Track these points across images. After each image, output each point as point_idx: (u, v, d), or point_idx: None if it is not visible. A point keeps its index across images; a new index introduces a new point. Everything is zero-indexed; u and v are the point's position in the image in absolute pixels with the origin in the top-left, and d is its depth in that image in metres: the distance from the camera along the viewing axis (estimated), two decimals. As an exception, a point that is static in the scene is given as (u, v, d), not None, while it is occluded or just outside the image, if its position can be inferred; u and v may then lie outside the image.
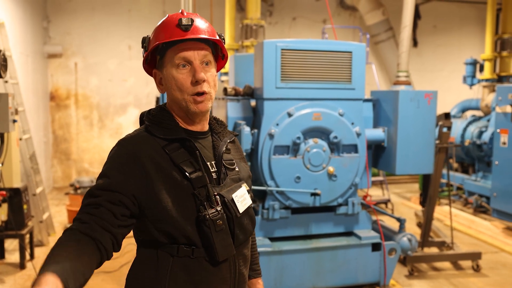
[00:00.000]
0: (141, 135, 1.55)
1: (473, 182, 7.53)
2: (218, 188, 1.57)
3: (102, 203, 1.41)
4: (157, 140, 1.53)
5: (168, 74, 1.54)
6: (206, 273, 1.54)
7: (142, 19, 9.59)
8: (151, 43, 1.57)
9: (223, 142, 1.65)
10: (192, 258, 1.52)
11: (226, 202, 1.54)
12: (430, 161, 4.27)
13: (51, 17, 9.16)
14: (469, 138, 7.58)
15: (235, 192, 1.60)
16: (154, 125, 1.56)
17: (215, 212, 1.50)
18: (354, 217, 4.25)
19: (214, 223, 1.49)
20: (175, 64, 1.52)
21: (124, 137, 1.57)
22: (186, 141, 1.54)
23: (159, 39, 1.53)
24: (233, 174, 1.65)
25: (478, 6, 11.44)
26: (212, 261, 1.53)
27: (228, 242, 1.53)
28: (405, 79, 4.51)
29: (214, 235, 1.49)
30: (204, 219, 1.48)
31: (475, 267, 5.04)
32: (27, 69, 7.70)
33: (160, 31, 1.55)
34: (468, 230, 6.49)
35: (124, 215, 1.44)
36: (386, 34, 9.98)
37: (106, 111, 9.59)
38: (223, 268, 1.57)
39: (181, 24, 1.51)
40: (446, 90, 11.19)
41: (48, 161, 9.15)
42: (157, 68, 1.61)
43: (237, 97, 4.17)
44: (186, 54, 1.52)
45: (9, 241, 5.62)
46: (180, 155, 1.52)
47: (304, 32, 10.57)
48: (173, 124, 1.57)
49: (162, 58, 1.57)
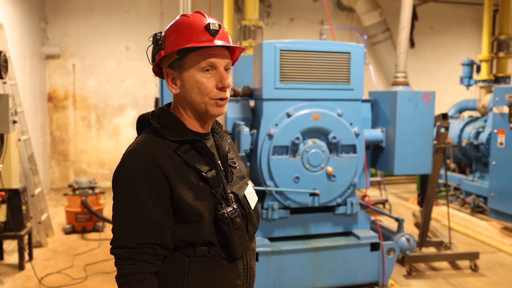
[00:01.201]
0: (151, 141, 1.53)
1: (470, 182, 7.57)
2: (229, 186, 1.60)
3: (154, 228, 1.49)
4: (167, 143, 1.53)
5: (190, 77, 1.53)
6: (222, 270, 1.56)
7: (140, 20, 9.59)
8: (172, 43, 1.52)
9: (225, 142, 1.67)
10: (208, 257, 1.54)
11: (240, 200, 1.58)
12: (428, 161, 4.29)
13: (49, 18, 9.15)
14: (466, 138, 7.61)
15: (245, 190, 1.64)
16: (164, 128, 1.55)
17: (233, 210, 1.53)
18: (352, 217, 4.27)
19: (233, 221, 1.52)
20: (201, 68, 1.52)
21: (134, 146, 1.53)
22: (196, 142, 1.55)
23: (185, 40, 1.50)
24: (237, 172, 1.68)
25: (474, 7, 11.49)
26: (228, 259, 1.56)
27: (245, 238, 1.57)
28: (403, 80, 4.53)
29: (233, 233, 1.52)
30: (222, 217, 1.51)
31: (473, 267, 5.07)
32: (25, 70, 7.69)
33: (185, 32, 1.51)
34: (466, 230, 6.52)
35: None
36: (384, 35, 10.02)
37: (104, 112, 9.58)
38: (238, 264, 1.60)
39: (209, 28, 1.50)
40: (443, 90, 11.22)
41: (46, 162, 9.14)
42: (172, 67, 1.57)
43: (236, 98, 4.19)
44: (214, 60, 1.52)
45: (8, 242, 5.61)
46: (192, 157, 1.54)
47: (301, 33, 10.60)
48: (182, 126, 1.57)
49: (182, 59, 1.53)
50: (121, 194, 1.49)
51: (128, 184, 1.47)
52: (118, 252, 1.49)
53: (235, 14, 9.49)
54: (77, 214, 6.20)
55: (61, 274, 4.87)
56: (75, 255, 5.41)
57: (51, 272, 4.90)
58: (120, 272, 1.49)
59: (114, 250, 1.51)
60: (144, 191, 1.46)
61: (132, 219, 1.47)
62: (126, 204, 1.48)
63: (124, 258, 1.48)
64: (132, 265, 1.47)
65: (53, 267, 5.06)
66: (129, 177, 1.47)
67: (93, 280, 4.71)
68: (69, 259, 5.29)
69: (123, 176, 1.49)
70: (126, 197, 1.48)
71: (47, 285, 4.59)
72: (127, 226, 1.48)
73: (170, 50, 1.53)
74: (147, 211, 1.46)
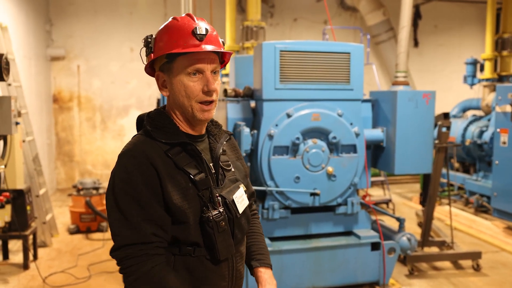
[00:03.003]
0: (144, 141, 1.56)
1: (474, 181, 7.54)
2: (219, 189, 1.61)
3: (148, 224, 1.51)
4: (159, 144, 1.55)
5: (178, 81, 1.55)
6: (206, 270, 1.59)
7: (144, 21, 9.65)
8: (160, 47, 1.55)
9: (219, 144, 1.69)
10: (193, 257, 1.57)
11: (228, 204, 1.59)
12: (429, 160, 4.30)
13: (54, 20, 9.23)
14: (469, 137, 7.58)
15: (235, 193, 1.64)
16: (156, 130, 1.58)
17: (218, 214, 1.55)
18: (353, 217, 4.28)
19: (217, 224, 1.54)
20: (188, 72, 1.54)
21: (128, 147, 1.56)
22: (188, 145, 1.58)
23: (172, 45, 1.52)
24: (230, 175, 1.69)
25: (478, 5, 11.45)
26: (212, 260, 1.59)
27: (229, 242, 1.58)
28: (404, 79, 4.53)
29: (217, 236, 1.54)
30: (207, 220, 1.53)
31: (475, 266, 5.06)
32: (30, 72, 7.76)
33: (173, 37, 1.53)
34: (469, 230, 6.51)
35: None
36: (387, 35, 10.00)
37: (109, 113, 9.65)
38: (223, 266, 1.62)
39: (196, 33, 1.52)
40: (447, 90, 11.20)
41: (52, 163, 9.22)
42: (162, 70, 1.60)
43: (237, 99, 4.22)
44: (200, 65, 1.54)
45: (13, 241, 5.68)
46: (182, 159, 1.56)
47: (305, 33, 10.61)
48: (174, 128, 1.60)
49: (170, 63, 1.56)
50: (121, 194, 1.50)
51: (127, 182, 1.50)
52: (130, 252, 1.48)
53: (239, 15, 9.53)
54: (81, 215, 6.26)
55: (65, 273, 4.92)
56: (79, 254, 5.46)
57: (55, 271, 4.96)
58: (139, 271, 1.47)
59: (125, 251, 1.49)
60: (142, 188, 1.49)
61: (137, 215, 1.48)
62: (128, 202, 1.49)
63: (138, 256, 1.48)
64: (149, 260, 1.48)
65: (57, 266, 5.11)
66: (126, 175, 1.50)
67: (97, 280, 4.76)
68: (73, 258, 5.35)
69: (120, 176, 1.51)
70: (126, 196, 1.49)
71: (51, 284, 4.64)
72: (134, 223, 1.48)
73: (158, 54, 1.56)
74: (150, 205, 1.49)
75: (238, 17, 9.35)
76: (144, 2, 9.72)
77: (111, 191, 1.52)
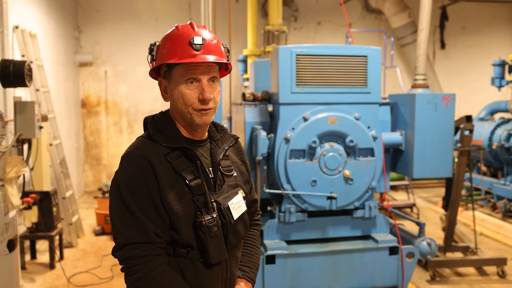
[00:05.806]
0: (146, 144, 1.61)
1: (501, 186, 7.35)
2: (216, 195, 1.64)
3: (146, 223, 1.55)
4: (159, 147, 1.60)
5: (176, 88, 1.60)
6: (199, 273, 1.63)
7: (169, 26, 9.60)
8: (161, 55, 1.61)
9: (221, 150, 1.72)
10: (187, 259, 1.61)
11: (222, 209, 1.62)
12: (449, 164, 4.23)
13: (82, 27, 9.51)
14: (497, 141, 7.40)
15: (232, 199, 1.67)
16: (158, 133, 1.63)
17: (211, 219, 1.58)
18: (371, 221, 4.25)
19: (210, 229, 1.57)
20: (184, 81, 1.58)
21: (130, 150, 1.61)
22: (187, 150, 1.62)
23: (170, 54, 1.57)
24: (230, 181, 1.72)
25: (509, 5, 11.16)
26: (205, 263, 1.62)
27: (221, 247, 1.61)
28: (423, 82, 4.48)
29: (209, 240, 1.58)
30: (200, 225, 1.57)
31: (500, 273, 4.94)
32: (59, 77, 8.02)
33: (171, 46, 1.59)
34: (496, 236, 6.35)
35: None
36: (412, 37, 9.86)
37: (135, 117, 9.86)
38: (216, 270, 1.66)
39: (193, 43, 1.56)
40: (475, 92, 10.96)
41: (80, 166, 9.48)
42: (164, 77, 1.66)
43: (255, 103, 4.26)
44: (196, 75, 1.58)
45: (41, 242, 5.88)
46: (181, 163, 1.60)
47: (329, 37, 10.57)
48: (176, 133, 1.64)
49: (169, 71, 1.62)
50: (124, 195, 1.54)
51: (128, 183, 1.54)
52: (134, 252, 1.52)
53: (262, 19, 9.58)
54: (106, 216, 6.42)
55: (89, 273, 5.06)
56: (103, 255, 5.60)
57: (80, 271, 5.11)
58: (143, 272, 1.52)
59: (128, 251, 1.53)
60: (142, 189, 1.54)
61: (139, 215, 1.53)
62: (130, 203, 1.53)
63: (142, 256, 1.52)
64: (152, 261, 1.53)
65: (82, 266, 5.26)
66: (128, 177, 1.55)
67: (119, 280, 4.87)
68: (98, 259, 5.49)
69: (122, 177, 1.56)
70: (129, 197, 1.54)
71: (75, 283, 4.78)
72: (137, 223, 1.53)
73: (158, 62, 1.62)
74: (150, 206, 1.54)
75: (261, 21, 9.40)
76: (169, 8, 9.90)
77: (113, 191, 1.57)
